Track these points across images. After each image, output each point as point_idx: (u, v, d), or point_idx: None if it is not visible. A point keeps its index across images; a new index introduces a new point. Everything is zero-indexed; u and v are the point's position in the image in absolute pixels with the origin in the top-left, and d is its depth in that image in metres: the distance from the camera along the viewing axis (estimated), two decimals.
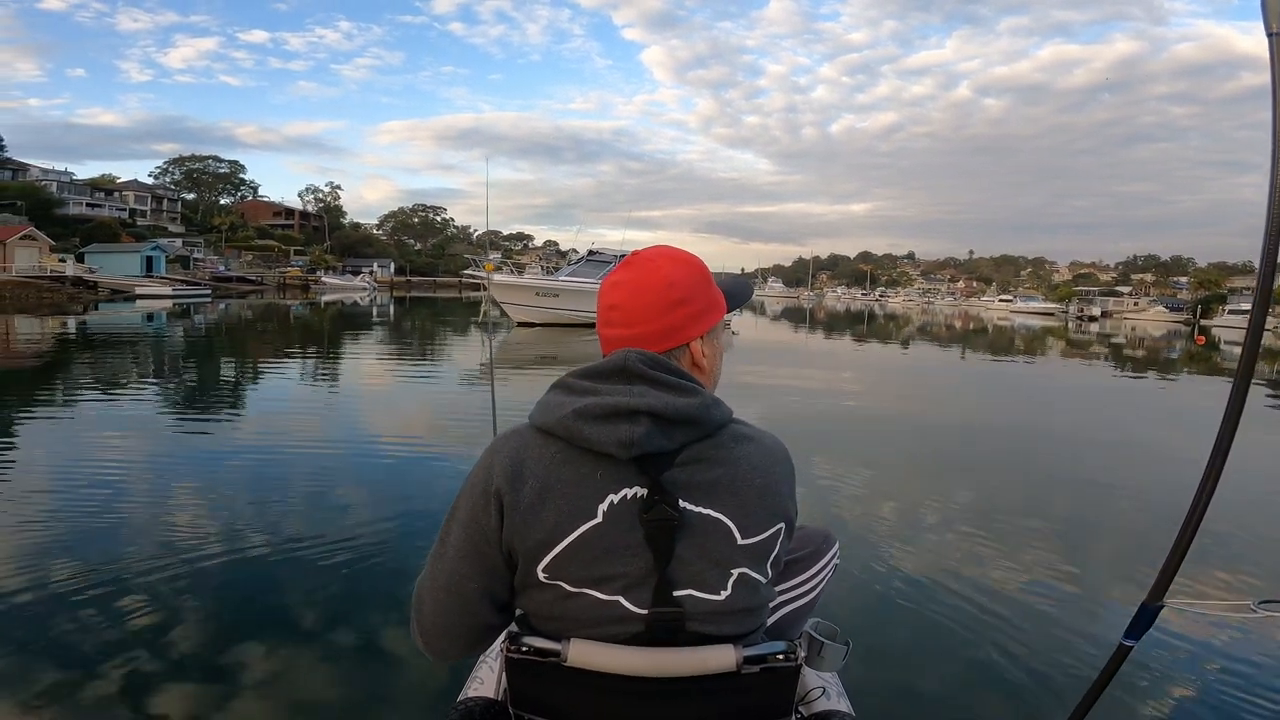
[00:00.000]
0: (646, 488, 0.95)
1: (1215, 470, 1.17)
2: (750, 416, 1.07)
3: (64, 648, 2.53)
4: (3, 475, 4.94)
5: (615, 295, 1.07)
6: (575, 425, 0.94)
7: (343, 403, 8.89)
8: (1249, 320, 1.16)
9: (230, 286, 53.56)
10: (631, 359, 0.98)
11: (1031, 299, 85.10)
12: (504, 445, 1.00)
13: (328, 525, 3.87)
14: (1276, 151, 1.03)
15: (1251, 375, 1.16)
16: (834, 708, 1.36)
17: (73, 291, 38.54)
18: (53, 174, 68.04)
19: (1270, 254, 1.07)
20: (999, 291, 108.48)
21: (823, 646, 1.09)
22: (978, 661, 2.69)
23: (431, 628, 1.04)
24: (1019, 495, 5.24)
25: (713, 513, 0.97)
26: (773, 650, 1.00)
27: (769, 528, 1.01)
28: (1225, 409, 1.14)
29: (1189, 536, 1.22)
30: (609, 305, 1.08)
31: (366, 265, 77.17)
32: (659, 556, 0.95)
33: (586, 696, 0.98)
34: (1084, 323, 53.07)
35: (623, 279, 1.08)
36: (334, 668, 2.51)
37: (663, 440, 0.94)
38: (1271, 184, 1.05)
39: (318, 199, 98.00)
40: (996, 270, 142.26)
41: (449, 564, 1.00)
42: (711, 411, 0.99)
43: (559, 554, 0.95)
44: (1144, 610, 1.30)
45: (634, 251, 1.13)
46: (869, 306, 79.14)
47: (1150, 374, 16.29)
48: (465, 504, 1.00)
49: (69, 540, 3.59)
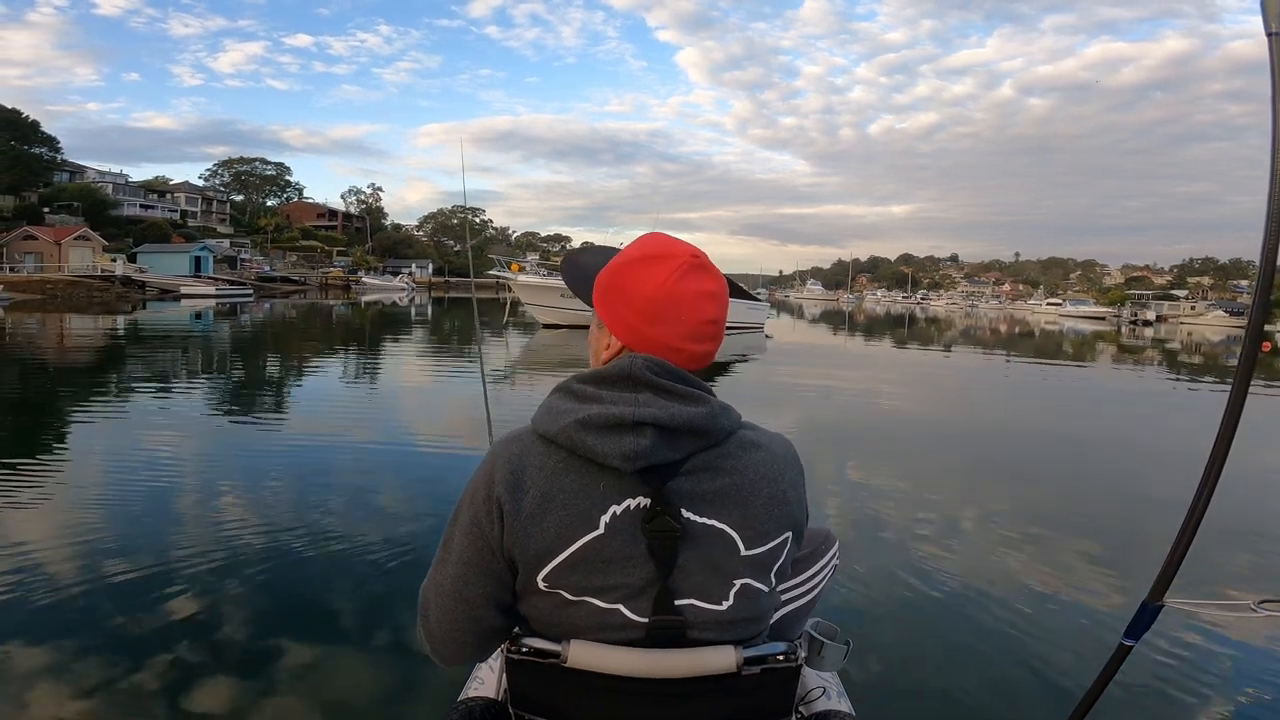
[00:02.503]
0: (649, 498, 0.93)
1: (1215, 470, 1.16)
2: (781, 419, 0.93)
3: (112, 635, 2.61)
4: (60, 468, 5.15)
5: (714, 309, 1.01)
6: (578, 435, 0.92)
7: (383, 401, 9.07)
8: (1248, 321, 1.16)
9: (274, 286, 54.74)
10: (638, 365, 0.94)
11: (1081, 302, 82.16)
12: (505, 451, 0.97)
13: (368, 522, 3.94)
14: (1276, 151, 1.02)
15: (1251, 375, 1.15)
16: (834, 707, 1.34)
17: (122, 291, 39.72)
18: (109, 176, 70.38)
19: (1270, 254, 1.06)
20: (1047, 295, 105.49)
21: (823, 646, 1.09)
22: (977, 661, 2.69)
23: (438, 633, 1.02)
24: (1040, 501, 5.10)
25: (716, 523, 0.95)
26: (773, 651, 0.99)
27: (775, 537, 0.99)
28: (1225, 408, 1.13)
29: (1189, 536, 1.21)
30: (708, 320, 1.00)
31: (406, 266, 78.25)
32: (661, 567, 0.93)
33: (587, 697, 0.97)
34: (1138, 327, 51.03)
35: (714, 290, 1.01)
36: (372, 663, 2.53)
37: (667, 451, 0.92)
38: (1271, 183, 1.04)
39: (360, 200, 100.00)
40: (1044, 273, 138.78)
41: (452, 569, 0.99)
42: (719, 420, 0.96)
43: (559, 564, 0.93)
44: (1144, 610, 1.29)
45: (669, 241, 1.04)
46: (910, 309, 77.58)
47: (1208, 379, 15.48)
48: (467, 510, 0.98)
49: (120, 531, 3.70)
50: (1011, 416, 9.56)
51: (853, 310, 66.94)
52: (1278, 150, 1.02)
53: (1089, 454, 6.90)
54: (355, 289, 59.22)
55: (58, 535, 3.61)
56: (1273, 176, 1.03)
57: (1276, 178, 1.03)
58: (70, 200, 59.18)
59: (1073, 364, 18.70)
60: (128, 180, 72.57)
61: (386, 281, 64.07)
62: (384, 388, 10.49)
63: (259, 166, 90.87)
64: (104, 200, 62.13)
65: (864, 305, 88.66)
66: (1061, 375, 15.59)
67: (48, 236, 47.85)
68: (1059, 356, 21.22)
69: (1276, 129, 1.02)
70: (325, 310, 32.97)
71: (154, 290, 42.10)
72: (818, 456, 5.92)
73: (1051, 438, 7.76)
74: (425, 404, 8.92)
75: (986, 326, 41.90)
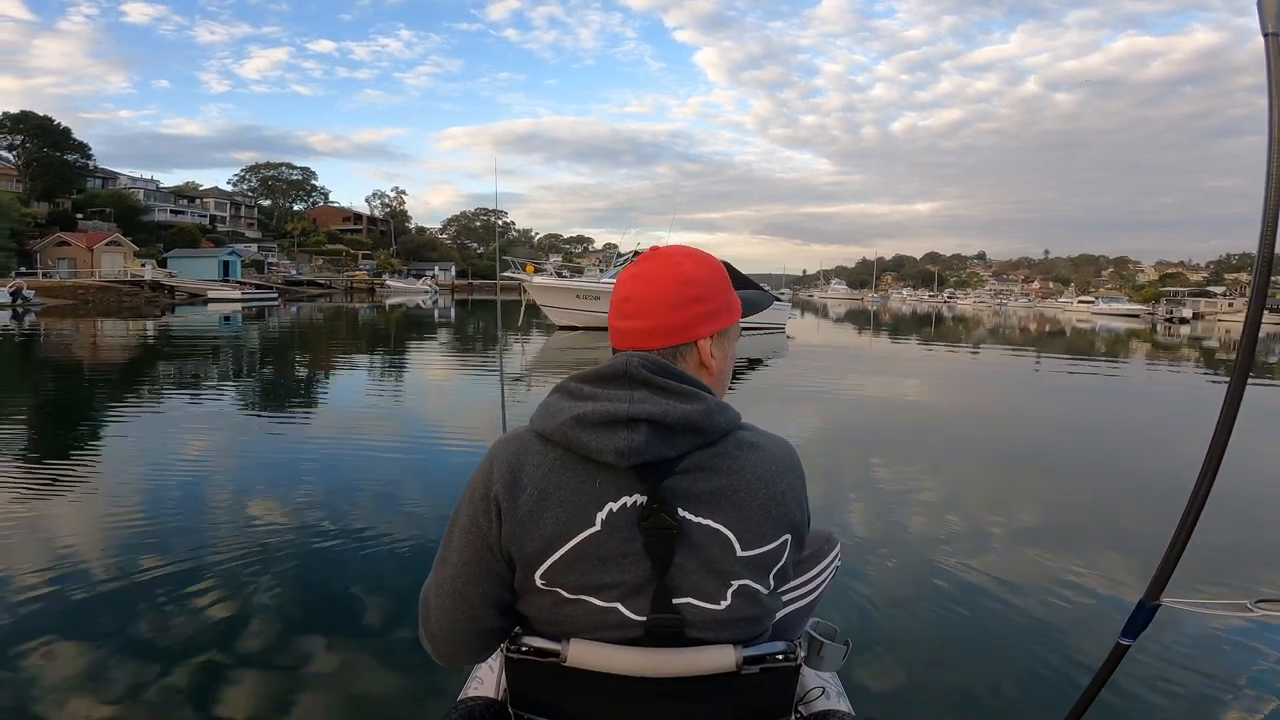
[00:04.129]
0: (645, 495, 0.93)
1: (1211, 469, 1.16)
2: (800, 419, 0.94)
3: (144, 633, 2.66)
4: (93, 468, 5.27)
5: (630, 287, 1.05)
6: (573, 432, 0.93)
7: (409, 401, 9.20)
8: (1245, 317, 1.14)
9: (300, 290, 55.35)
10: (633, 364, 0.96)
11: (1115, 300, 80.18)
12: (502, 450, 0.98)
13: (394, 521, 3.97)
14: (1273, 150, 1.02)
15: (1248, 373, 1.14)
16: (834, 707, 1.33)
17: (150, 295, 40.33)
18: (140, 182, 71.78)
19: (1268, 252, 1.06)
20: (1078, 292, 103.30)
21: (822, 646, 1.10)
22: (975, 661, 2.68)
23: (439, 633, 1.02)
24: (1051, 499, 5.07)
25: (712, 523, 0.95)
26: (772, 650, 0.99)
27: (773, 540, 0.98)
28: (1221, 407, 1.13)
29: (1185, 535, 1.21)
30: (623, 297, 1.05)
31: (430, 269, 78.77)
32: (658, 565, 0.93)
33: (586, 696, 0.97)
34: (1173, 325, 49.63)
35: (640, 272, 1.05)
36: (397, 660, 2.53)
37: (663, 448, 0.92)
38: (1268, 182, 1.04)
39: (384, 204, 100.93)
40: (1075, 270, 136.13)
41: (452, 569, 0.99)
42: (715, 418, 0.95)
43: (556, 561, 0.94)
44: (1141, 609, 1.29)
45: (653, 247, 1.10)
46: (936, 308, 76.34)
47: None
48: (466, 509, 0.99)
49: (152, 530, 3.77)
50: (1028, 413, 9.35)
51: (878, 309, 66.06)
52: (1274, 150, 1.01)
53: (1110, 450, 6.79)
54: (379, 292, 59.67)
55: (96, 531, 3.72)
56: (1269, 176, 1.02)
57: (1273, 177, 1.02)
58: (102, 206, 60.47)
59: (1104, 361, 18.12)
60: (158, 186, 73.95)
61: (409, 285, 64.50)
62: (410, 388, 10.57)
63: (285, 171, 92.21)
64: (135, 206, 63.41)
65: (889, 304, 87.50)
66: (1090, 373, 15.07)
67: (80, 242, 48.83)
68: (1090, 354, 20.62)
69: (1273, 128, 1.01)
70: (351, 313, 33.20)
71: (183, 294, 42.73)
72: (818, 458, 5.84)
73: (1071, 435, 7.58)
74: (450, 403, 8.96)
75: (1016, 325, 41.02)
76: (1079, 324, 45.26)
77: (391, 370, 12.52)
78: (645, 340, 1.02)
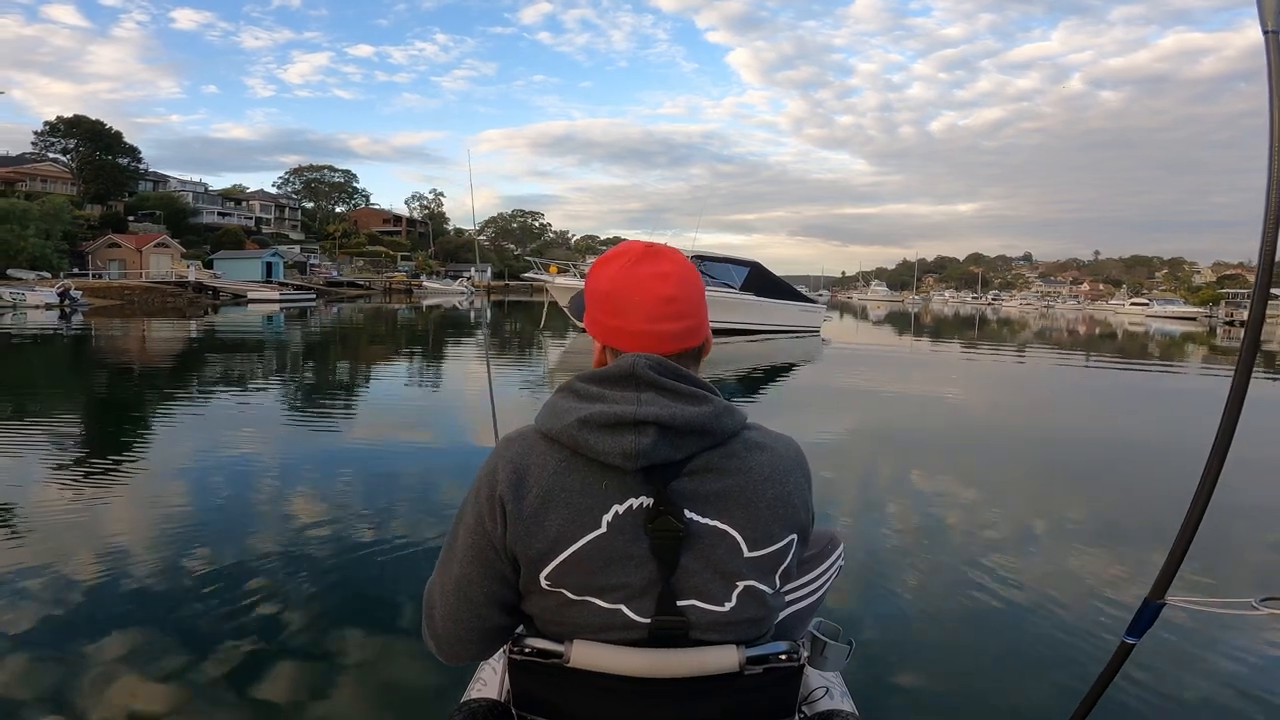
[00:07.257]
0: (652, 498, 0.93)
1: (1216, 467, 1.16)
2: (828, 421, 0.94)
3: (186, 626, 2.70)
4: (141, 464, 5.37)
5: (668, 287, 1.01)
6: (580, 434, 0.92)
7: (447, 401, 9.30)
8: (1248, 315, 1.14)
9: (340, 291, 56.22)
10: (640, 365, 0.94)
11: (1170, 302, 76.69)
12: (507, 450, 0.97)
13: (428, 521, 3.96)
14: (1273, 148, 1.02)
15: (1251, 370, 1.14)
16: (837, 707, 1.34)
17: (194, 296, 41.22)
18: (189, 185, 73.85)
19: (1269, 251, 1.06)
20: (1130, 294, 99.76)
21: (826, 646, 1.10)
22: (979, 660, 2.66)
23: (442, 632, 1.03)
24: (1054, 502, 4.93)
25: (720, 525, 0.95)
26: (775, 650, 0.99)
27: (780, 539, 0.98)
28: (1225, 404, 1.13)
29: (1190, 533, 1.21)
30: (667, 298, 1.00)
31: (466, 270, 79.42)
32: (664, 567, 0.93)
33: (589, 697, 0.97)
34: (1233, 328, 47.43)
35: (669, 271, 1.02)
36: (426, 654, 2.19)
37: (670, 450, 0.91)
38: (1269, 181, 1.04)
39: (423, 206, 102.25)
40: (1127, 272, 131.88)
41: (456, 568, 0.99)
42: (723, 420, 0.95)
43: (561, 563, 0.94)
44: (1146, 607, 1.29)
45: (632, 242, 1.08)
46: (980, 310, 74.30)
47: None
48: (471, 509, 0.99)
49: (198, 524, 3.84)
50: (1067, 418, 8.93)
51: (918, 311, 64.53)
52: (1275, 149, 1.01)
53: (1154, 457, 6.56)
54: (416, 293, 60.27)
55: (143, 526, 3.80)
56: (1270, 176, 1.02)
57: (1275, 177, 1.01)
58: (153, 209, 62.28)
59: (1157, 366, 17.16)
60: (206, 189, 75.99)
61: (446, 286, 65.13)
62: (446, 389, 10.56)
63: (328, 174, 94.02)
64: (184, 208, 65.22)
65: (930, 306, 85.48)
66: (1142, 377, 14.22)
67: (130, 244, 50.26)
68: (1144, 358, 19.60)
69: (1274, 127, 1.00)
70: (389, 314, 33.44)
71: (225, 295, 43.60)
72: (819, 460, 5.60)
73: (1110, 441, 7.27)
74: (488, 404, 8.61)
75: (1063, 328, 39.51)
76: (1131, 327, 43.49)
77: (430, 370, 12.60)
78: (688, 340, 1.01)
